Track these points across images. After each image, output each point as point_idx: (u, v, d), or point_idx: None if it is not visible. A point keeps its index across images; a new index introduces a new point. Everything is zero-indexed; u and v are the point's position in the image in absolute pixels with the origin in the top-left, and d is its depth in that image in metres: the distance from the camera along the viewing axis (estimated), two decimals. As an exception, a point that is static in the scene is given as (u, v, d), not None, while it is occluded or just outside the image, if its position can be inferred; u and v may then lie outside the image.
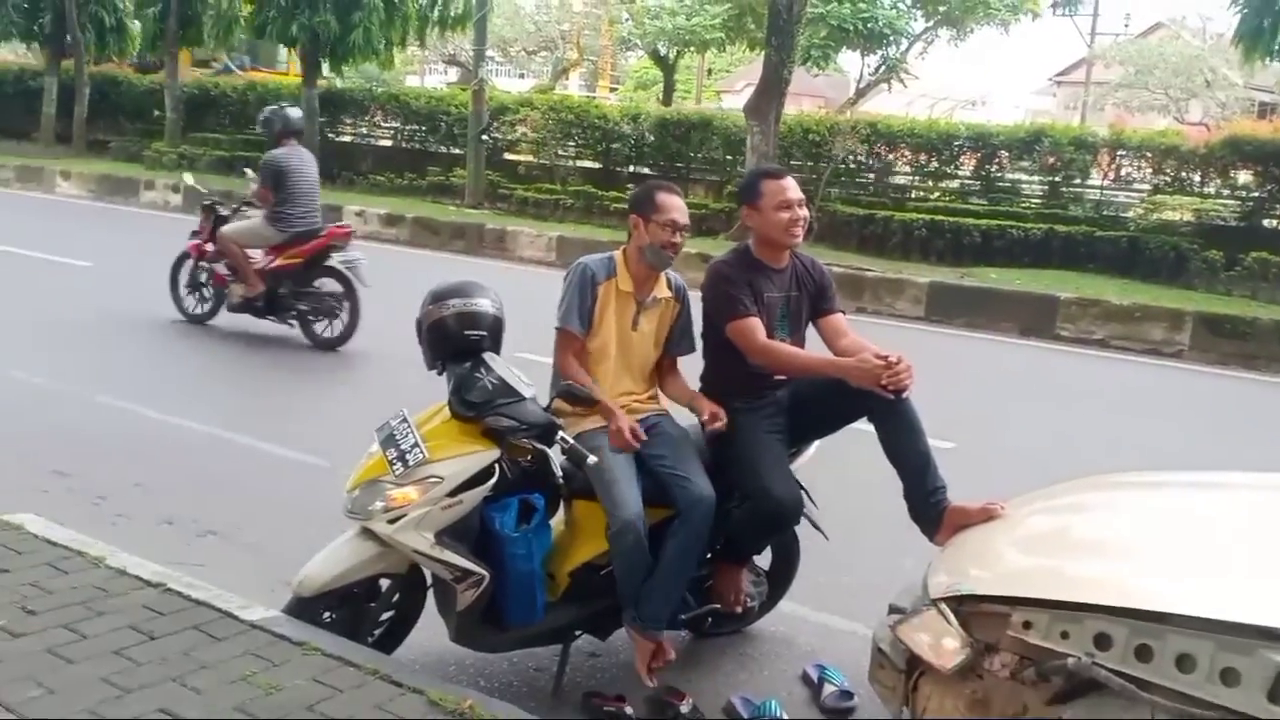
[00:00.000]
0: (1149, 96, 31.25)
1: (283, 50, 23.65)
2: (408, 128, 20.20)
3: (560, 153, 18.58)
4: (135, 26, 22.40)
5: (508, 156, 19.09)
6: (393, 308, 9.77)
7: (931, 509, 3.27)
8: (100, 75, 23.37)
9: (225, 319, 8.47)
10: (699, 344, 3.73)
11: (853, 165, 16.46)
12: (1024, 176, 15.86)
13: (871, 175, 16.70)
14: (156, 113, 22.23)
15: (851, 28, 21.85)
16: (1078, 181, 15.43)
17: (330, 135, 20.39)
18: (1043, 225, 13.97)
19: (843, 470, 4.67)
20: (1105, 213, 14.87)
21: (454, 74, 41.42)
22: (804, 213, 3.55)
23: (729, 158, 17.24)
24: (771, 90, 13.93)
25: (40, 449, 5.29)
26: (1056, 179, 15.38)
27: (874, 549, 4.68)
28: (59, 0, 21.16)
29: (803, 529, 3.77)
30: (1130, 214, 14.56)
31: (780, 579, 3.97)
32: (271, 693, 2.64)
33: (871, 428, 3.42)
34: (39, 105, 22.37)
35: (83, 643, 2.83)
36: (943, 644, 2.68)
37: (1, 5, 21.58)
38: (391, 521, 3.07)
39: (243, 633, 2.96)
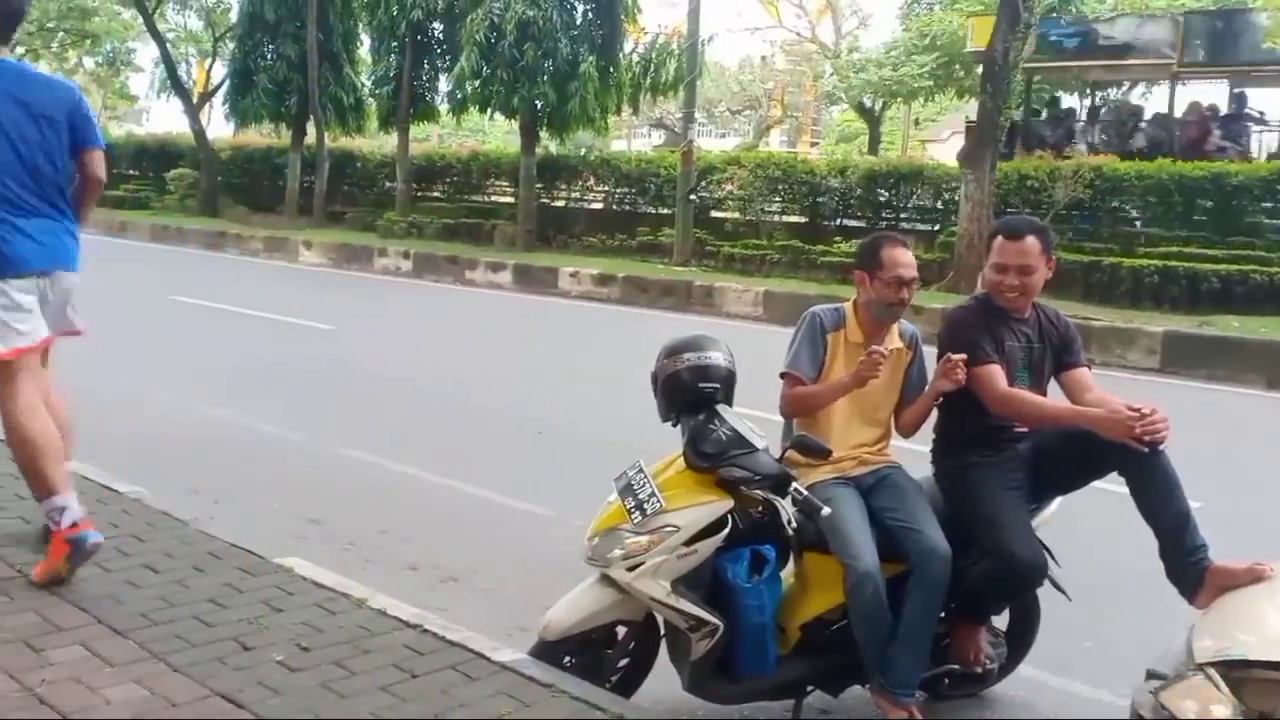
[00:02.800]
0: None
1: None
2: (618, 190, 20.84)
3: (766, 209, 18.71)
4: (371, 104, 24.06)
5: (714, 214, 19.38)
6: (613, 363, 10.12)
7: (1191, 569, 3.08)
8: (338, 150, 25.25)
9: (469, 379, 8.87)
10: None
11: (1075, 211, 15.82)
12: (1266, 218, 14.80)
13: (1097, 220, 16.00)
14: (388, 184, 23.81)
15: (1068, 70, 21.11)
16: (1329, 221, 14.29)
17: (546, 200, 21.26)
18: (1291, 269, 13.00)
19: (1082, 529, 4.46)
20: (1364, 254, 13.70)
21: (659, 137, 42.59)
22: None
23: (939, 207, 16.94)
24: (986, 137, 13.64)
25: (296, 498, 5.69)
26: (1305, 220, 14.29)
27: (1118, 613, 4.45)
28: (303, 83, 23.06)
29: (1043, 589, 3.63)
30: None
31: (1019, 641, 3.82)
32: (525, 732, 2.76)
33: (1111, 484, 3.27)
34: (284, 180, 24.36)
35: (352, 679, 3.03)
36: (1212, 711, 2.53)
37: (253, 90, 23.70)
38: (630, 569, 3.16)
39: (494, 673, 3.10)
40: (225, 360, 9.70)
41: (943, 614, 3.47)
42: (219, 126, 30.05)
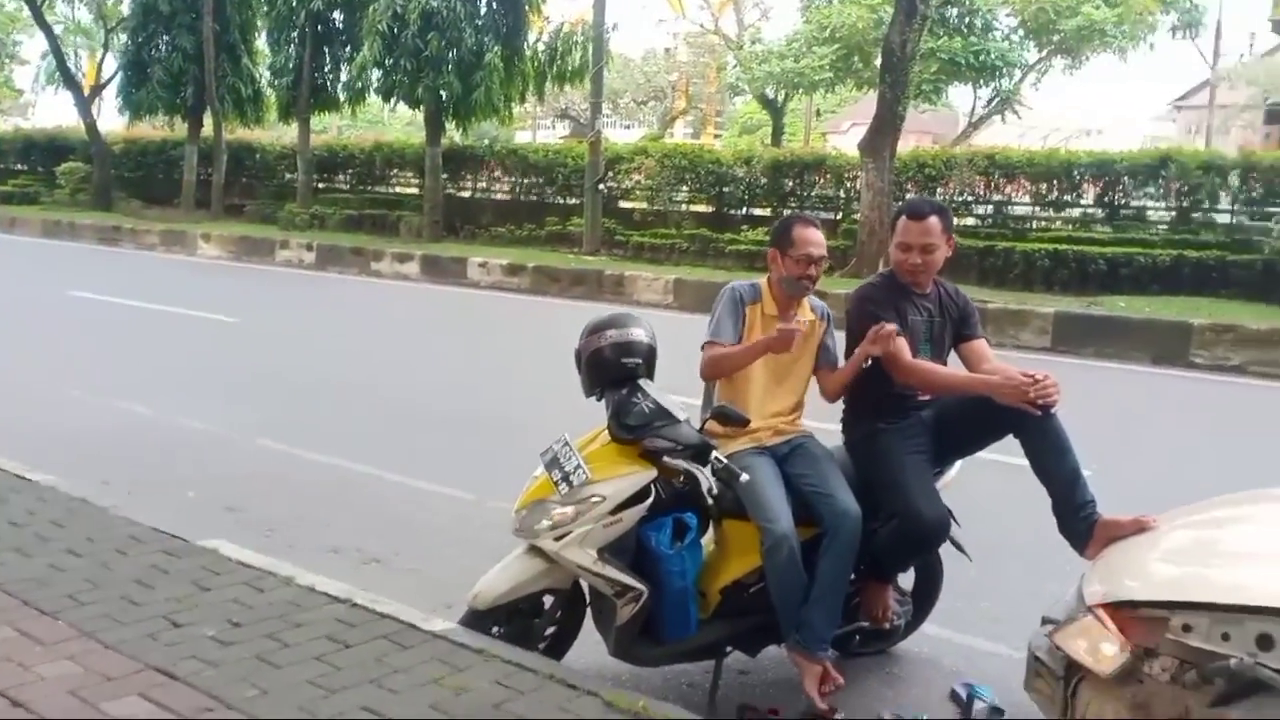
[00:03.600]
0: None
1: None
2: (526, 180, 20.82)
3: (674, 198, 18.90)
4: (270, 95, 23.62)
5: (623, 204, 19.51)
6: (526, 351, 10.18)
7: (1081, 522, 3.30)
8: (236, 142, 24.72)
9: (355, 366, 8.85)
10: (842, 363, 3.83)
11: (970, 198, 16.36)
12: (1149, 203, 15.53)
13: (990, 207, 16.58)
14: (288, 176, 23.43)
15: (963, 61, 21.74)
16: (1206, 206, 15.04)
17: (452, 191, 21.14)
18: (1171, 251, 13.66)
19: (975, 498, 4.70)
20: (1238, 237, 14.46)
21: (564, 127, 42.54)
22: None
23: (841, 196, 17.34)
24: (885, 127, 14.01)
25: (210, 487, 5.65)
26: (1184, 204, 15.03)
27: (1012, 574, 4.69)
28: (199, 75, 22.53)
29: (946, 552, 3.84)
30: (1265, 237, 14.12)
31: (924, 599, 4.03)
32: (461, 693, 2.85)
33: (1000, 457, 3.46)
34: (180, 173, 23.77)
35: (286, 650, 3.09)
36: (1101, 649, 2.72)
37: (147, 82, 23.08)
38: (558, 539, 3.27)
39: (426, 642, 3.18)
40: (129, 354, 9.51)
41: (853, 575, 3.65)
42: (110, 119, 29.19)
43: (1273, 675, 2.38)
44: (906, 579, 3.99)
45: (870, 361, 3.62)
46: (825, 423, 3.90)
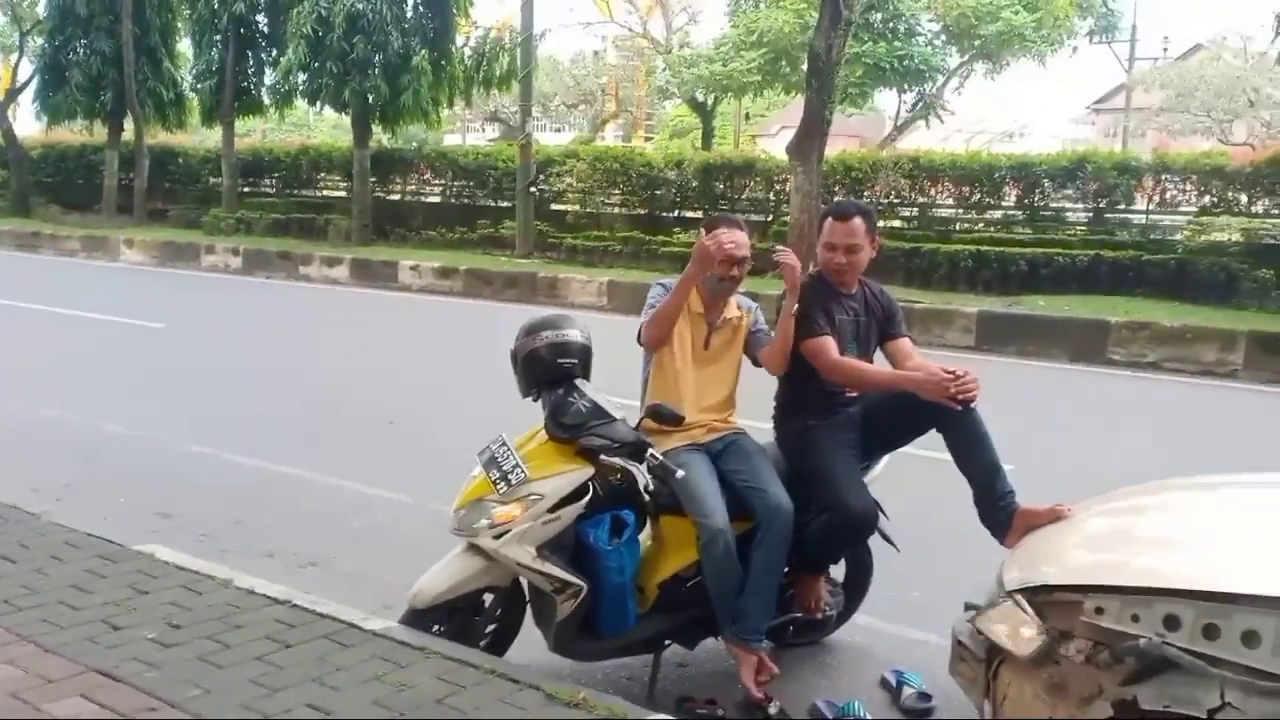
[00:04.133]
0: (1191, 119, 30.92)
1: None
2: (456, 183, 20.74)
3: (606, 201, 18.97)
4: (193, 99, 23.23)
5: (555, 207, 19.52)
6: (460, 354, 10.16)
7: (1001, 512, 3.44)
8: (158, 147, 24.25)
9: (295, 367, 8.79)
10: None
11: (896, 200, 16.68)
12: (1068, 204, 15.98)
13: (915, 209, 16.92)
14: (212, 180, 23.06)
15: (888, 66, 22.15)
16: (1122, 206, 15.52)
17: (381, 194, 20.98)
18: (1089, 251, 14.06)
19: (902, 492, 4.84)
20: (1152, 236, 14.95)
21: (494, 130, 42.31)
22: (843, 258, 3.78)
23: (771, 199, 17.56)
24: (813, 131, 14.20)
25: (143, 494, 5.60)
26: (1101, 205, 15.49)
27: (939, 566, 4.82)
28: (119, 79, 22.08)
29: (875, 544, 3.96)
30: (1178, 236, 14.62)
31: (855, 590, 4.14)
32: (403, 689, 2.89)
33: (927, 453, 3.59)
34: (101, 178, 23.26)
35: (227, 651, 3.10)
36: (1020, 632, 2.85)
37: (65, 86, 22.57)
38: (497, 537, 3.32)
39: (367, 640, 3.22)
40: (54, 361, 9.33)
41: (786, 568, 3.75)
42: (27, 124, 28.40)
43: (1179, 654, 2.51)
44: (838, 571, 4.09)
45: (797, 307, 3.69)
46: (757, 420, 4.00)
